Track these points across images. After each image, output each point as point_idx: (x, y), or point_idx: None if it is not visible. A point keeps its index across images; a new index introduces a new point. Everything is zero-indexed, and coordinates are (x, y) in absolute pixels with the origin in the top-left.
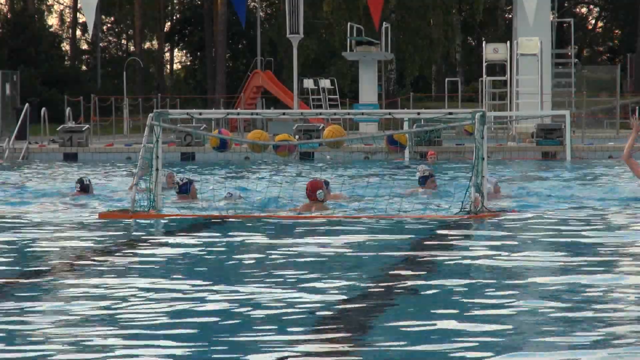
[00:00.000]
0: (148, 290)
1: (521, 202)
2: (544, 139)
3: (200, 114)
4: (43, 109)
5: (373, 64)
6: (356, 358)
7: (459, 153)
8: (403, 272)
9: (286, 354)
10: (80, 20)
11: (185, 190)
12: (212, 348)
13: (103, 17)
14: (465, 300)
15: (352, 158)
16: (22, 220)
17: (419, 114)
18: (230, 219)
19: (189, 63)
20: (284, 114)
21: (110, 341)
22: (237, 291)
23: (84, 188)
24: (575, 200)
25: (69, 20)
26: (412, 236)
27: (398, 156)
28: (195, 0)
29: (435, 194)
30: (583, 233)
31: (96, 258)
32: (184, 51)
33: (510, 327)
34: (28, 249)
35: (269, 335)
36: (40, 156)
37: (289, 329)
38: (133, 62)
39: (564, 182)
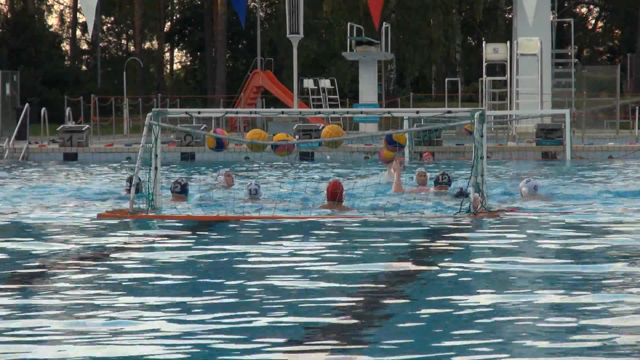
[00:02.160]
0: (147, 290)
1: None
2: (544, 139)
3: (199, 112)
4: (43, 109)
5: (373, 64)
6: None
7: (459, 153)
8: (402, 273)
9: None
10: (80, 20)
11: (184, 191)
12: (211, 349)
13: (103, 17)
14: (463, 301)
15: (352, 158)
16: (21, 220)
17: (418, 112)
18: (231, 220)
19: (189, 63)
20: (282, 112)
21: (108, 341)
22: (236, 292)
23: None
24: (575, 200)
25: (69, 20)
26: (411, 236)
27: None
28: (195, 0)
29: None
30: (583, 234)
31: (95, 258)
32: (184, 51)
33: (508, 328)
34: (26, 249)
35: (265, 337)
36: (40, 156)
37: (284, 334)
38: (133, 62)
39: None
